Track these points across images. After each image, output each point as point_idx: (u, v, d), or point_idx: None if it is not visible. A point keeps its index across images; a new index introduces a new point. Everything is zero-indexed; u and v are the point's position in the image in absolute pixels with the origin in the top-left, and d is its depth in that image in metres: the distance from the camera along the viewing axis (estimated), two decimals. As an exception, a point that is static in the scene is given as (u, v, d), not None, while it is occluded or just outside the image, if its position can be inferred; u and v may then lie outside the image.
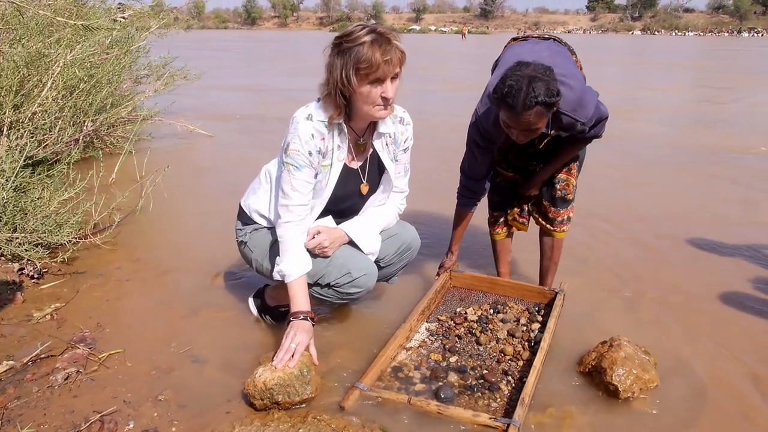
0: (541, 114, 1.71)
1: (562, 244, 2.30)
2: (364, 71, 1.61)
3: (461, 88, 10.75)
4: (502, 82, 1.71)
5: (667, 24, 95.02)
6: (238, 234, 2.04)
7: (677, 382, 1.81)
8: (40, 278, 2.38)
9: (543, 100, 1.66)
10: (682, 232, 3.20)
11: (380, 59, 1.60)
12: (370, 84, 1.65)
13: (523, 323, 2.08)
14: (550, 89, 1.67)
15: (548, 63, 1.86)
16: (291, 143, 1.73)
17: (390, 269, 2.08)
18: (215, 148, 5.23)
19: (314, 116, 1.74)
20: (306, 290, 1.78)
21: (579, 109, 1.85)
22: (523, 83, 1.66)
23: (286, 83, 11.09)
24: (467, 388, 1.73)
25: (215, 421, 1.56)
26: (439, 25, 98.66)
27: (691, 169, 4.74)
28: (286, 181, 1.75)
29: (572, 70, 1.93)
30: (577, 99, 1.84)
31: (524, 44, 2.11)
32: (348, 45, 1.62)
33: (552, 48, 2.04)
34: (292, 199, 1.75)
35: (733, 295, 2.45)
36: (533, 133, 1.81)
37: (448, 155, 5.04)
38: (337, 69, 1.65)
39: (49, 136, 3.27)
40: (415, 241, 2.09)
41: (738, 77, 14.20)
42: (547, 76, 1.70)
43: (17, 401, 1.61)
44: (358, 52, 1.60)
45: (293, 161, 1.73)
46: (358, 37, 1.61)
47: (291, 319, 1.73)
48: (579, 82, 1.88)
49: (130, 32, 4.77)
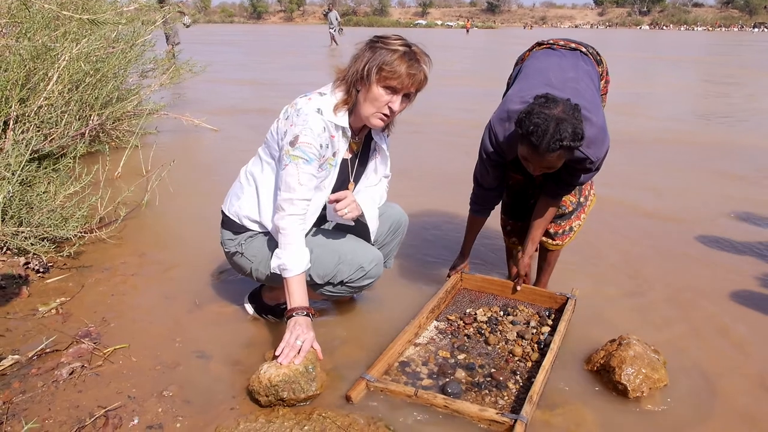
0: (562, 156, 1.71)
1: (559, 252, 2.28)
2: (386, 74, 1.65)
3: (470, 83, 10.70)
4: (528, 118, 1.68)
5: (675, 19, 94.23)
6: (228, 245, 1.92)
7: (687, 381, 1.78)
8: (45, 272, 2.38)
9: (568, 144, 1.65)
10: (691, 230, 3.17)
11: (404, 71, 1.65)
12: (385, 89, 1.67)
13: (532, 326, 2.06)
14: (576, 133, 1.66)
15: (573, 89, 1.85)
16: (302, 135, 1.68)
17: (385, 249, 2.07)
18: (220, 143, 5.22)
19: (324, 112, 1.72)
20: (305, 285, 1.76)
21: (593, 147, 1.82)
22: (550, 125, 1.64)
23: (292, 77, 11.07)
24: (475, 385, 1.72)
25: (220, 418, 1.55)
26: (446, 19, 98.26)
27: (699, 166, 4.69)
28: (292, 175, 1.70)
29: (596, 101, 1.90)
30: (594, 137, 1.81)
31: (550, 55, 2.05)
32: (381, 47, 1.67)
33: (579, 67, 1.99)
34: (297, 192, 1.71)
35: (743, 293, 2.42)
36: (550, 170, 1.81)
37: (462, 155, 5.01)
38: (362, 61, 1.68)
39: (55, 130, 3.26)
40: (402, 217, 2.08)
41: (746, 73, 14.06)
42: (575, 118, 1.67)
43: (22, 395, 1.61)
44: (388, 57, 1.65)
45: (304, 154, 1.69)
46: (394, 45, 1.67)
47: (293, 315, 1.70)
48: (600, 119, 1.85)
49: (136, 26, 4.75)
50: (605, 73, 2.13)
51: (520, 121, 1.71)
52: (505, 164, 2.02)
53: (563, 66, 1.97)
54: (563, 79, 1.91)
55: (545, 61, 2.03)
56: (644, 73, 13.31)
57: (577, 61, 2.01)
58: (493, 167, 2.01)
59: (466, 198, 2.23)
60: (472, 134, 2.08)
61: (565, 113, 1.66)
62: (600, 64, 2.08)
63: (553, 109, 1.67)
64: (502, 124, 1.91)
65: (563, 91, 1.83)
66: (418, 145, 5.18)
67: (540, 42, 2.16)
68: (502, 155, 1.96)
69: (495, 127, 1.94)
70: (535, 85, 1.89)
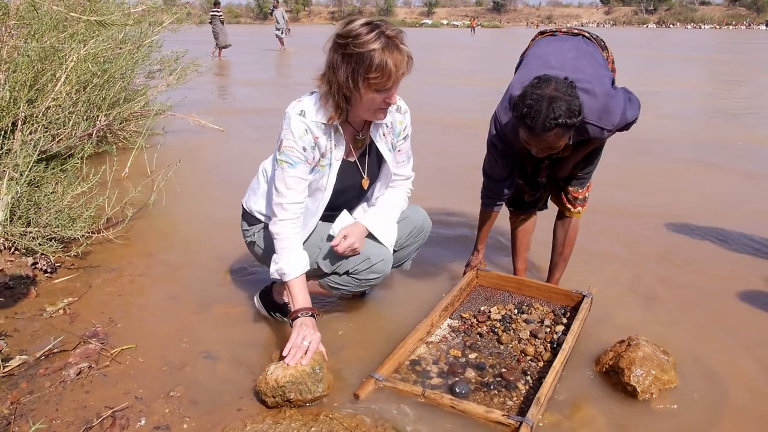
0: (560, 134, 1.68)
1: (576, 237, 2.26)
2: (375, 80, 1.57)
3: (473, 81, 10.67)
4: (522, 101, 1.67)
5: (682, 17, 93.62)
6: (245, 235, 2.03)
7: (697, 382, 1.76)
8: (53, 272, 2.38)
9: (563, 122, 1.62)
10: (700, 229, 3.14)
11: (392, 67, 1.55)
12: (377, 92, 1.61)
13: (546, 324, 2.04)
14: (571, 109, 1.63)
15: (573, 66, 1.81)
16: (284, 140, 1.70)
17: (403, 252, 2.07)
18: (227, 143, 5.23)
19: (307, 114, 1.69)
20: (305, 286, 1.77)
21: (605, 117, 1.79)
22: (542, 104, 1.62)
23: (298, 77, 11.08)
24: (484, 385, 1.71)
25: (227, 419, 1.55)
26: (451, 19, 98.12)
27: (708, 164, 4.65)
28: (279, 179, 1.72)
29: (599, 73, 1.85)
30: (601, 107, 1.78)
31: (551, 41, 2.03)
32: (356, 50, 1.54)
33: (579, 47, 1.96)
34: (287, 197, 1.72)
35: (754, 293, 2.39)
36: (553, 150, 1.78)
37: (471, 149, 5.00)
38: (342, 72, 1.57)
39: (63, 131, 3.28)
40: (426, 222, 2.07)
41: (754, 70, 13.94)
42: (569, 95, 1.64)
43: (30, 396, 1.61)
44: (371, 60, 1.53)
45: (287, 158, 1.70)
46: (367, 41, 1.53)
47: (298, 316, 1.71)
48: (604, 88, 1.81)
49: (143, 27, 4.77)
50: (611, 61, 2.09)
51: (515, 105, 1.70)
52: (514, 153, 2.00)
53: (564, 48, 1.95)
54: (563, 59, 1.88)
55: (546, 47, 2.02)
56: (652, 71, 13.23)
57: (578, 43, 1.98)
58: (501, 157, 2.00)
59: (477, 194, 2.21)
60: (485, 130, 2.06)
61: (557, 91, 1.64)
62: (605, 50, 2.05)
63: (545, 89, 1.65)
64: (506, 112, 1.90)
65: (563, 70, 1.80)
66: (429, 140, 5.17)
67: (543, 31, 2.14)
68: (509, 144, 1.94)
69: (500, 116, 1.93)
70: (534, 69, 1.87)
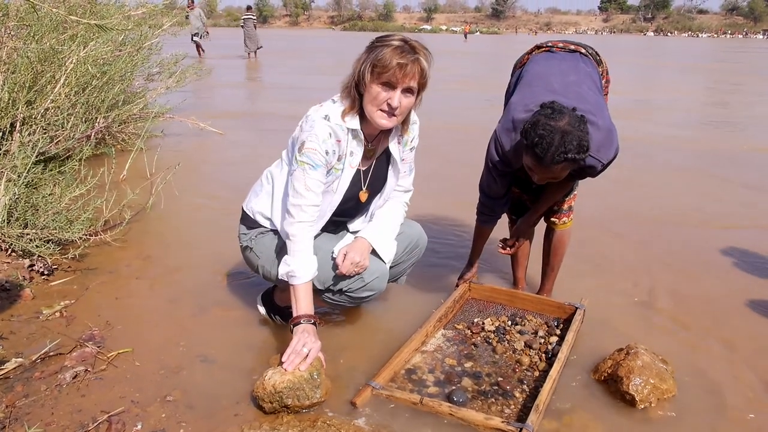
0: (567, 167, 1.71)
1: (565, 247, 2.26)
2: (379, 69, 1.62)
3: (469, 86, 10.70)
4: (533, 129, 1.68)
5: (680, 25, 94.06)
6: (242, 239, 1.99)
7: (695, 392, 1.76)
8: (50, 275, 2.37)
9: (572, 156, 1.65)
10: (699, 237, 3.15)
11: (394, 63, 1.60)
12: (381, 85, 1.64)
13: (540, 335, 2.04)
14: (581, 145, 1.65)
15: (576, 93, 1.84)
16: (307, 141, 1.70)
17: (399, 268, 2.06)
18: (225, 146, 5.22)
19: (332, 118, 1.72)
20: (311, 293, 1.76)
21: (603, 150, 1.81)
22: (555, 137, 1.64)
23: (297, 81, 11.09)
24: (481, 394, 1.70)
25: (224, 424, 1.54)
26: (450, 24, 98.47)
27: (705, 172, 4.67)
28: (299, 180, 1.71)
29: (599, 102, 1.89)
30: (602, 139, 1.80)
31: (549, 59, 2.03)
32: (377, 44, 1.66)
33: (579, 69, 1.98)
34: (306, 198, 1.71)
35: (752, 302, 2.39)
36: (555, 180, 1.81)
37: (469, 161, 5.00)
38: (359, 63, 1.68)
39: (62, 133, 3.27)
40: (422, 238, 2.06)
41: (750, 79, 14.01)
42: (581, 130, 1.67)
43: (25, 399, 1.60)
44: (380, 52, 1.63)
45: (310, 160, 1.70)
46: (389, 40, 1.65)
47: (300, 322, 1.70)
48: (605, 120, 1.84)
49: (143, 30, 4.77)
50: (605, 72, 2.12)
51: (526, 132, 1.71)
52: (512, 173, 2.01)
53: (564, 70, 1.97)
54: (565, 83, 1.90)
55: (545, 65, 2.02)
56: (649, 80, 13.29)
57: (577, 64, 2.00)
58: (500, 176, 2.00)
59: (473, 205, 2.21)
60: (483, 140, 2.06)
61: (570, 125, 1.66)
62: (600, 64, 2.07)
63: (558, 121, 1.66)
64: (507, 134, 1.90)
65: (566, 95, 1.83)
66: (425, 150, 5.17)
67: (539, 45, 2.14)
68: (508, 164, 1.95)
69: (501, 137, 1.93)
70: (538, 92, 1.89)
